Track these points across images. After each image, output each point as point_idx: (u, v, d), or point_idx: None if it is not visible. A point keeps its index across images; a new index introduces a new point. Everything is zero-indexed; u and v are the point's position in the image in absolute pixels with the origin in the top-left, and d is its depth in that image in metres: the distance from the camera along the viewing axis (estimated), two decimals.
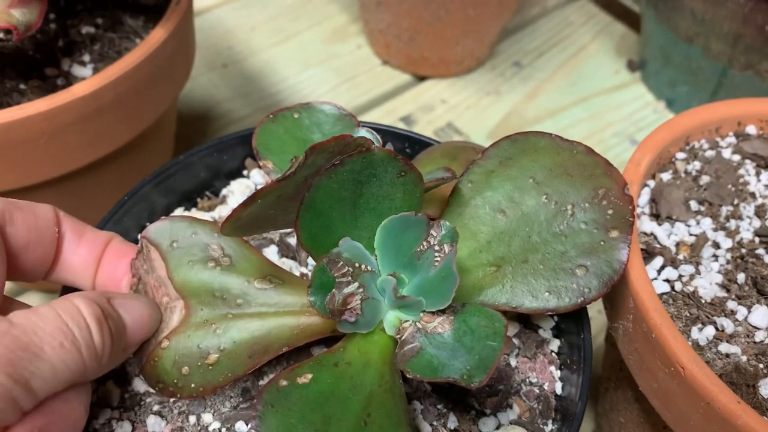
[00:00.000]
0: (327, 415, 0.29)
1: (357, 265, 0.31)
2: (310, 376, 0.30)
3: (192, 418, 0.35)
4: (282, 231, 0.42)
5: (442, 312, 0.32)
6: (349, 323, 0.31)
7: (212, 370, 0.33)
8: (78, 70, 0.45)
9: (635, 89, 0.79)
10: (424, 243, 0.31)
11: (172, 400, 0.35)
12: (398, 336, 0.32)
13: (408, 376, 0.29)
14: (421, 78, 0.78)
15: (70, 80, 0.45)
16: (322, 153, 0.29)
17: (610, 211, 0.35)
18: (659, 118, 0.75)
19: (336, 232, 0.31)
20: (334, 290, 0.31)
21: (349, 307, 0.31)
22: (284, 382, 0.29)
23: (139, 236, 0.42)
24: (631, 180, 0.41)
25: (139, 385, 0.36)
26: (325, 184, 0.30)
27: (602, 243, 0.35)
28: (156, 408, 0.35)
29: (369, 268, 0.31)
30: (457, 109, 0.76)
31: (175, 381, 0.33)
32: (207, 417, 0.35)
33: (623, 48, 0.83)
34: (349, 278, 0.31)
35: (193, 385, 0.33)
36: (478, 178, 0.37)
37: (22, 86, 0.44)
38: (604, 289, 0.34)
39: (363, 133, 0.38)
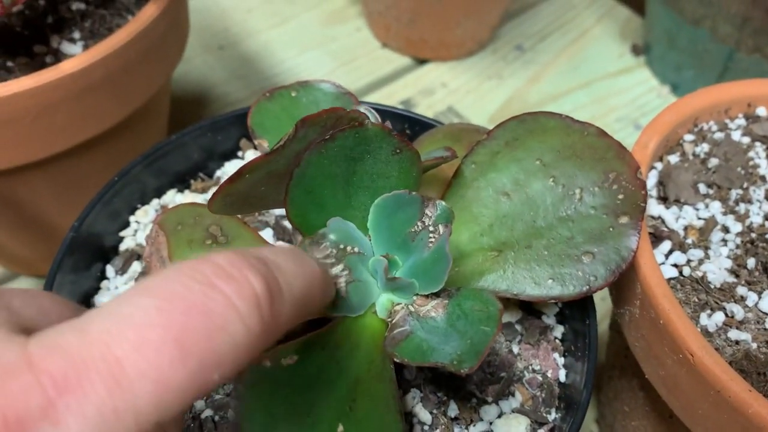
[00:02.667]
0: (312, 399, 0.27)
1: (342, 246, 0.30)
2: (296, 357, 0.28)
3: None
4: (278, 214, 0.41)
5: (437, 295, 0.31)
6: (333, 307, 0.30)
7: None
8: (67, 48, 0.44)
9: (639, 73, 0.77)
10: (419, 223, 0.30)
11: None
12: (389, 319, 0.30)
13: (396, 360, 0.28)
14: (422, 61, 0.77)
15: (59, 57, 0.44)
16: (313, 126, 0.27)
17: (620, 196, 0.34)
18: (663, 103, 0.74)
19: (327, 210, 0.30)
20: None
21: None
22: (268, 363, 0.28)
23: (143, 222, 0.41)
24: (639, 162, 0.40)
25: None
26: (316, 159, 0.28)
27: (611, 229, 0.33)
28: None
29: (356, 249, 0.30)
30: (458, 93, 0.74)
31: None
32: (199, 404, 0.34)
33: (627, 32, 0.82)
34: (334, 260, 0.29)
35: None
36: (482, 159, 0.35)
37: (9, 64, 0.43)
38: (612, 278, 0.32)
39: (363, 110, 0.36)
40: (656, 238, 0.39)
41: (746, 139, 0.44)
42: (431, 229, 0.30)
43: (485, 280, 0.33)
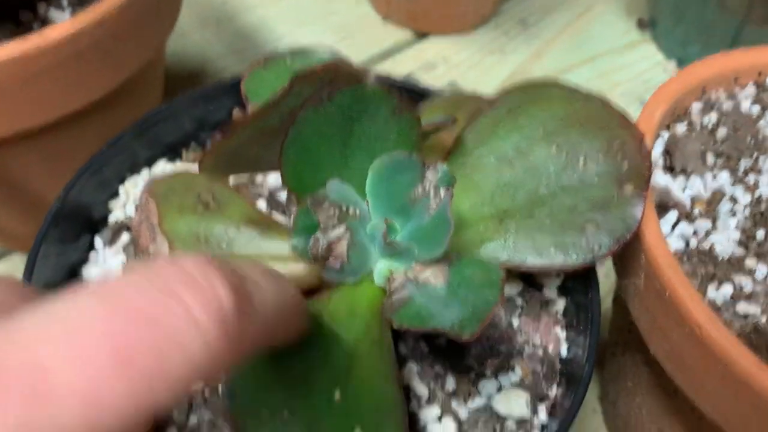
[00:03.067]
0: (307, 366, 0.27)
1: (344, 208, 0.29)
2: None
3: None
4: (271, 187, 0.40)
5: (437, 262, 0.30)
6: (334, 270, 0.29)
7: None
8: (55, 15, 0.43)
9: (645, 49, 0.75)
10: (419, 187, 0.29)
11: None
12: (387, 286, 0.29)
13: (394, 326, 0.27)
14: (423, 35, 0.75)
15: (47, 25, 0.42)
16: (309, 83, 0.26)
17: (625, 165, 0.33)
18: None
19: (324, 172, 0.29)
20: (318, 234, 0.28)
21: (334, 253, 0.29)
22: None
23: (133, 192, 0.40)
24: (644, 131, 0.38)
25: None
26: (312, 118, 0.27)
27: (615, 198, 0.32)
28: None
29: (358, 212, 0.29)
30: (460, 68, 0.73)
31: None
32: None
33: (633, 6, 0.80)
34: (335, 221, 0.28)
35: None
36: (483, 128, 0.34)
37: None
38: (616, 247, 0.32)
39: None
40: (662, 209, 0.37)
41: (756, 109, 0.42)
42: (432, 193, 0.29)
43: (486, 249, 0.32)
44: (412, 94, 0.43)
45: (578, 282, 0.36)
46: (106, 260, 0.37)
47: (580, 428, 0.49)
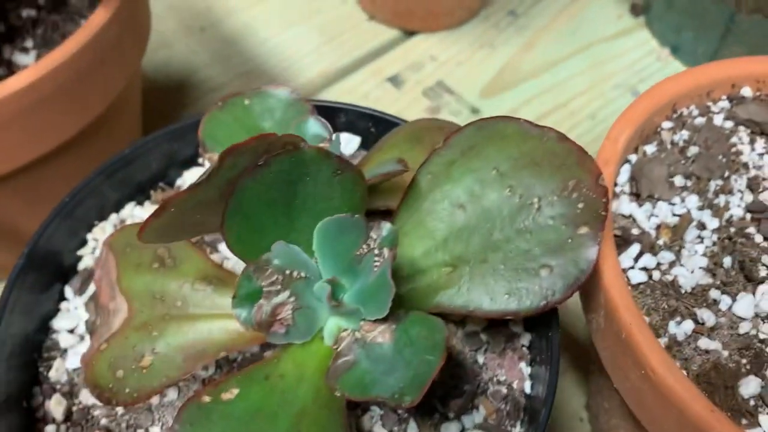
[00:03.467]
0: None
1: (288, 272, 0.29)
2: (236, 391, 0.28)
3: None
4: None
5: (385, 320, 0.30)
6: (280, 335, 0.29)
7: (146, 374, 0.31)
8: (20, 58, 0.43)
9: (638, 35, 0.74)
10: (364, 246, 0.29)
11: (119, 412, 0.34)
12: (335, 347, 0.30)
13: (336, 394, 0.27)
14: (410, 33, 0.74)
15: (12, 69, 0.43)
16: (242, 155, 0.26)
17: (580, 205, 0.32)
18: (663, 67, 0.71)
19: (269, 235, 0.29)
20: (261, 300, 0.28)
21: (278, 318, 0.29)
22: (207, 398, 0.28)
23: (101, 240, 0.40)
24: (608, 159, 0.38)
25: (87, 398, 0.35)
26: (250, 186, 0.27)
27: (570, 240, 0.32)
28: (103, 422, 0.34)
29: (303, 274, 0.29)
30: (448, 66, 0.72)
31: (111, 385, 0.31)
32: (155, 430, 0.34)
33: None
34: (279, 287, 0.29)
35: (127, 390, 0.31)
36: (437, 170, 0.34)
37: None
38: (570, 291, 0.31)
39: (312, 123, 0.35)
40: (625, 241, 0.37)
41: (729, 124, 0.42)
42: (376, 252, 0.29)
43: (441, 297, 0.32)
44: (380, 123, 0.43)
45: (544, 318, 0.36)
46: (77, 308, 0.38)
47: None
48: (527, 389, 0.35)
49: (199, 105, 0.68)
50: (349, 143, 0.43)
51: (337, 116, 0.43)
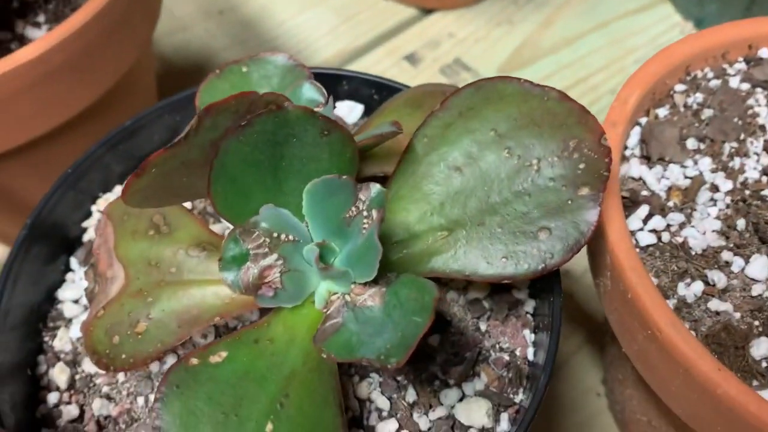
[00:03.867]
0: (239, 396, 0.27)
1: (276, 235, 0.28)
2: (224, 354, 0.28)
3: (140, 400, 0.33)
4: None
5: (375, 283, 0.29)
6: (267, 298, 0.29)
7: (141, 339, 0.31)
8: (32, 32, 0.43)
9: (661, 10, 0.72)
10: (353, 208, 0.28)
11: (120, 380, 0.34)
12: (325, 310, 0.29)
13: (322, 355, 0.27)
14: (427, 11, 0.74)
15: (24, 43, 0.43)
16: (223, 113, 0.26)
17: (581, 166, 0.31)
18: None
19: (256, 198, 0.29)
20: (249, 263, 0.28)
21: (266, 281, 0.28)
22: (195, 361, 0.27)
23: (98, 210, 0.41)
24: (616, 121, 0.37)
25: (90, 366, 0.35)
26: (234, 147, 0.27)
27: (570, 202, 0.31)
28: (105, 390, 0.34)
29: (291, 237, 0.29)
30: (466, 43, 0.71)
31: (107, 351, 0.31)
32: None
33: None
34: (267, 249, 0.28)
35: (123, 356, 0.31)
36: (434, 132, 0.33)
37: None
38: (570, 254, 0.30)
39: (306, 87, 0.35)
40: (633, 203, 0.36)
41: (746, 86, 0.40)
42: (365, 214, 0.28)
43: (435, 262, 0.31)
44: (384, 90, 0.43)
45: (547, 282, 0.35)
46: (82, 279, 0.38)
47: (585, 414, 0.49)
48: (530, 356, 0.34)
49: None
50: (352, 111, 0.42)
51: (339, 84, 0.42)
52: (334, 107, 0.34)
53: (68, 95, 0.43)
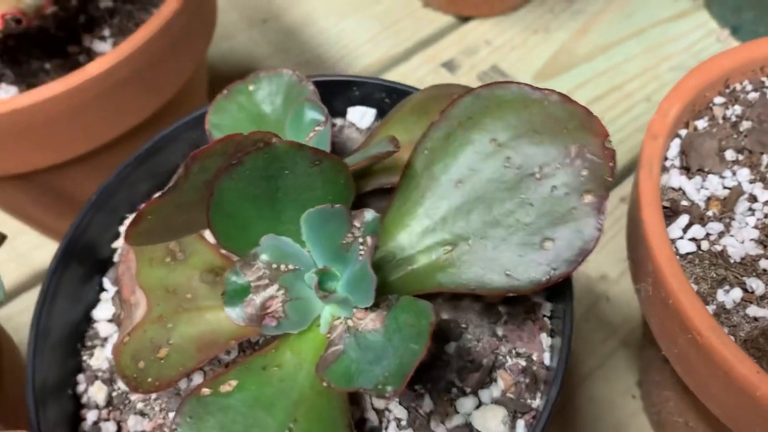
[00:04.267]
0: (248, 424, 0.27)
1: (275, 266, 0.28)
2: (234, 383, 0.28)
3: (171, 415, 0.34)
4: None
5: (377, 306, 0.28)
6: (271, 327, 0.29)
7: (164, 364, 0.32)
8: (98, 46, 0.46)
9: (697, 17, 0.72)
10: (349, 234, 0.28)
11: (153, 397, 0.35)
12: (329, 335, 0.29)
13: (324, 384, 0.27)
14: (465, 19, 0.75)
15: (91, 56, 0.46)
16: (210, 158, 0.26)
17: (584, 172, 0.30)
18: (723, 48, 0.69)
19: (256, 229, 0.29)
20: (251, 296, 0.28)
21: (269, 311, 0.28)
22: (207, 391, 0.28)
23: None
24: (657, 133, 0.38)
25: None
26: (228, 185, 0.27)
27: (574, 210, 0.30)
28: (139, 406, 0.35)
29: (291, 267, 0.29)
30: (502, 51, 0.72)
31: (135, 375, 0.32)
32: None
33: None
34: (267, 281, 0.28)
35: (149, 379, 0.32)
36: (434, 144, 0.32)
37: (46, 65, 0.45)
38: (575, 263, 0.29)
39: (308, 108, 0.35)
40: (674, 213, 0.37)
41: None
42: (360, 240, 0.28)
43: (441, 277, 0.31)
44: (394, 93, 0.42)
45: (561, 286, 0.34)
46: (115, 300, 0.39)
47: (620, 415, 0.50)
48: (547, 361, 0.34)
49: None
50: (364, 116, 0.42)
51: (350, 90, 0.42)
52: (331, 126, 0.35)
53: (132, 105, 0.45)
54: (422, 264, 0.31)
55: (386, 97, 0.42)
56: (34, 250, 0.62)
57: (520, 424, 0.32)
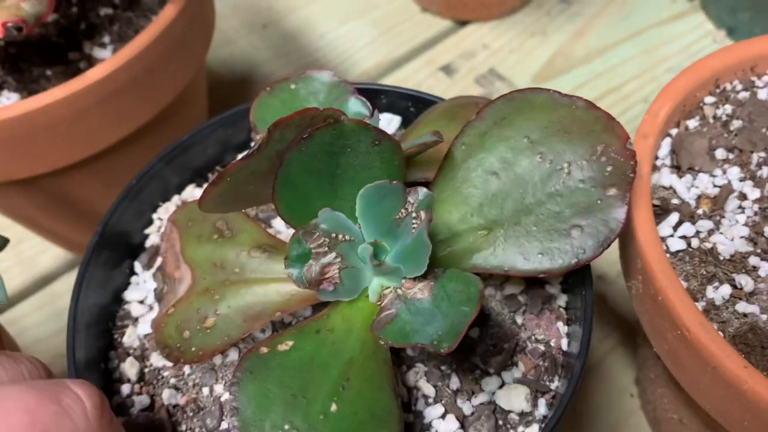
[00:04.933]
0: (305, 380, 0.30)
1: (334, 235, 0.32)
2: (291, 343, 0.31)
3: (205, 390, 0.37)
4: None
5: (424, 277, 0.32)
6: (328, 292, 0.32)
7: (210, 333, 0.34)
8: (99, 53, 0.47)
9: (694, 18, 0.74)
10: (402, 210, 0.32)
11: (186, 372, 0.37)
12: (379, 303, 0.32)
13: (380, 342, 0.30)
14: (462, 23, 0.76)
15: (91, 63, 0.47)
16: (288, 128, 0.29)
17: (609, 168, 0.34)
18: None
19: (315, 203, 0.32)
20: (311, 261, 0.31)
21: (327, 276, 0.32)
22: (265, 349, 0.31)
23: (165, 219, 0.44)
24: (647, 133, 0.39)
25: (157, 360, 0.38)
26: (297, 157, 0.30)
27: (599, 201, 0.34)
28: (172, 381, 0.38)
29: (348, 237, 0.32)
30: (500, 54, 0.73)
31: (178, 345, 0.35)
32: (219, 388, 0.37)
33: None
34: (326, 248, 0.31)
35: (193, 349, 0.34)
36: (471, 140, 0.36)
37: (47, 72, 0.46)
38: (600, 249, 0.33)
39: (353, 101, 0.37)
40: (663, 211, 0.38)
41: None
42: (413, 215, 0.31)
43: (476, 258, 0.34)
44: (420, 102, 0.45)
45: (578, 277, 0.37)
46: (146, 282, 0.42)
47: (618, 413, 0.51)
48: (564, 346, 0.37)
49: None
50: (390, 123, 0.45)
51: (378, 98, 0.46)
52: (379, 119, 0.37)
53: (132, 111, 0.46)
54: (460, 246, 0.35)
55: (411, 106, 0.46)
56: (38, 255, 0.64)
57: (542, 402, 0.36)
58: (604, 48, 0.73)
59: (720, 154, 0.40)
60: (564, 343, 0.37)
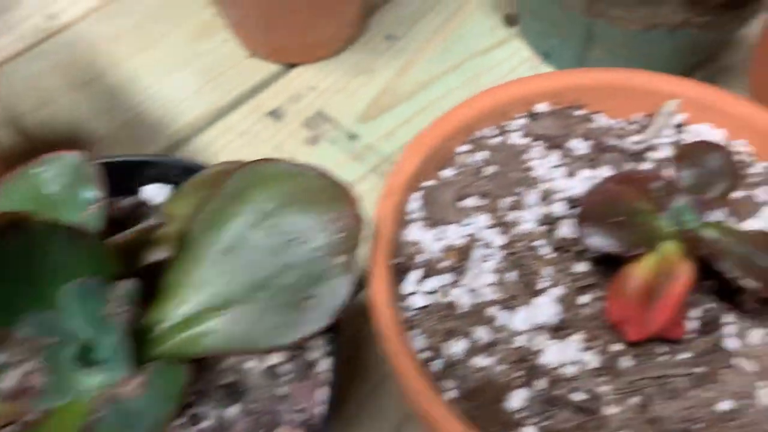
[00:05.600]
0: None
1: (35, 341, 0.30)
2: None
3: None
4: None
5: (142, 373, 0.31)
6: (35, 401, 0.31)
7: None
8: None
9: (512, 45, 0.75)
10: (109, 305, 0.31)
11: None
12: (92, 404, 0.31)
13: None
14: (291, 66, 0.76)
15: None
16: None
17: (340, 235, 0.35)
18: (538, 73, 0.72)
19: (17, 307, 0.31)
20: (9, 372, 0.30)
21: (29, 386, 0.30)
22: None
23: None
24: (390, 190, 0.39)
25: None
26: None
27: (330, 270, 0.34)
28: None
29: (51, 341, 0.31)
30: (327, 95, 0.73)
31: None
32: None
33: (502, 1, 0.80)
34: (26, 355, 0.30)
35: None
36: (207, 217, 0.36)
37: None
38: (331, 319, 0.34)
39: (88, 188, 0.37)
40: (407, 268, 0.38)
41: (526, 140, 0.43)
42: (118, 311, 0.31)
43: (210, 341, 0.34)
44: (189, 171, 0.44)
45: (337, 342, 0.37)
46: None
47: None
48: (323, 412, 0.37)
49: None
50: (159, 194, 0.44)
51: (146, 169, 0.45)
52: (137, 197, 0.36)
53: None
54: (193, 330, 0.34)
55: (183, 174, 0.44)
56: None
57: None
58: (428, 81, 0.74)
59: (471, 202, 0.41)
60: (321, 410, 0.37)
